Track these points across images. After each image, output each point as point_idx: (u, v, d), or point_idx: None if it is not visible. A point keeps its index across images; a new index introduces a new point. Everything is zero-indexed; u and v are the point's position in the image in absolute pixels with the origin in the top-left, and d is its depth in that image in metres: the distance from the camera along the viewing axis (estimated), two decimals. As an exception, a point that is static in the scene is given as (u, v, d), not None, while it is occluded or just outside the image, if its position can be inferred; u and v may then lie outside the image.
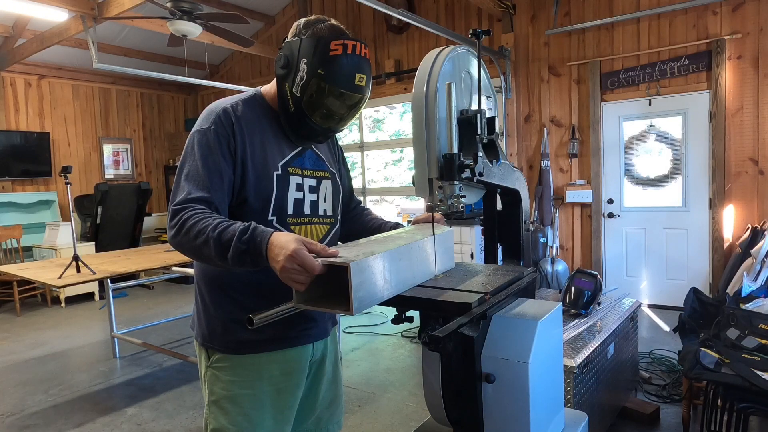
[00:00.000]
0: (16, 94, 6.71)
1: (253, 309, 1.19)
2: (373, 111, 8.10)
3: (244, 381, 1.29)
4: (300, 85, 1.23)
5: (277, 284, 1.11)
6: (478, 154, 1.35)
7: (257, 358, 1.30)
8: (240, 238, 1.08)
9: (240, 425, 1.28)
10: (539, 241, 5.41)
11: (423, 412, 2.94)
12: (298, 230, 1.31)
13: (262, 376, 1.30)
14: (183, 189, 1.19)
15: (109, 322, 4.23)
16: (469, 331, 1.21)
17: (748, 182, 4.54)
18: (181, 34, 4.45)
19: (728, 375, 2.08)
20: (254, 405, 1.29)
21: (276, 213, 1.28)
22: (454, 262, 1.51)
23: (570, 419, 1.53)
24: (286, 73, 1.26)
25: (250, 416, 1.28)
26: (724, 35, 4.52)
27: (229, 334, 1.29)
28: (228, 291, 1.30)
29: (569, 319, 2.61)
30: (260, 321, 1.14)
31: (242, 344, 1.29)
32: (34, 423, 3.06)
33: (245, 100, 1.32)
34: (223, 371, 1.30)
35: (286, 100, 1.27)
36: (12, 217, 6.42)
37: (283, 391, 1.33)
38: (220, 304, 1.31)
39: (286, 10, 7.41)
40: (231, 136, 1.23)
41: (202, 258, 1.16)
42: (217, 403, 1.30)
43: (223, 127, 1.24)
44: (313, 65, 1.21)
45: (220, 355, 1.31)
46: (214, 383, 1.31)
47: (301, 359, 1.37)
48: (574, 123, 5.34)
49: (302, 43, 1.23)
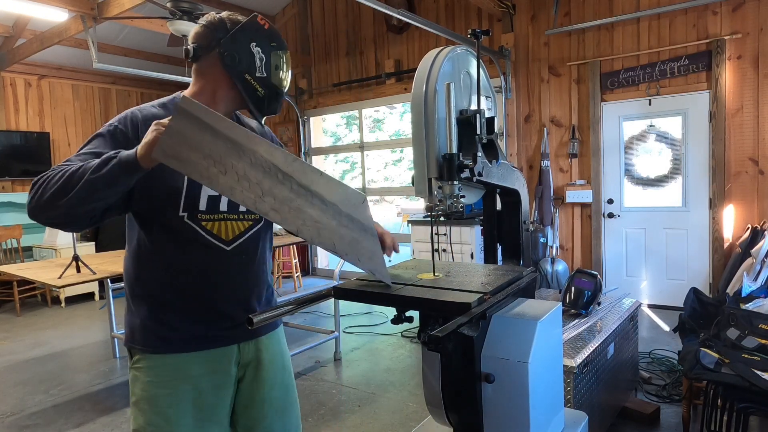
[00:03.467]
0: (16, 94, 6.71)
1: (168, 306, 1.30)
2: (373, 111, 8.10)
3: (162, 381, 1.30)
4: (263, 66, 1.33)
5: (191, 283, 1.28)
6: (477, 154, 1.35)
7: (176, 358, 1.31)
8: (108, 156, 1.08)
9: (157, 425, 1.28)
10: (539, 241, 5.41)
11: (423, 412, 2.94)
12: (210, 226, 1.31)
13: (180, 376, 1.30)
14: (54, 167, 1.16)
15: (109, 322, 4.23)
16: (469, 331, 1.22)
17: (748, 182, 4.54)
18: (181, 34, 4.45)
19: (728, 375, 2.08)
20: (172, 404, 1.29)
21: (187, 209, 1.28)
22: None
23: (570, 419, 1.53)
24: (244, 65, 1.32)
25: (167, 415, 1.28)
26: (724, 35, 4.52)
27: (148, 332, 1.31)
28: (145, 290, 1.32)
29: (569, 319, 2.61)
30: (260, 322, 1.16)
31: (161, 343, 1.30)
32: (34, 423, 3.06)
33: (162, 104, 1.37)
34: (142, 371, 1.31)
35: (252, 89, 1.34)
36: (12, 217, 6.42)
37: (204, 392, 1.32)
38: (139, 304, 1.33)
39: (286, 10, 7.41)
40: (132, 139, 1.23)
41: (65, 192, 1.07)
42: (137, 404, 1.31)
43: (125, 126, 1.26)
44: (264, 43, 1.33)
45: (140, 356, 1.32)
46: (135, 384, 1.32)
47: (223, 360, 1.36)
48: (574, 123, 5.34)
49: (239, 34, 1.32)
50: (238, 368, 1.40)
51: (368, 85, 6.74)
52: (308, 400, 3.20)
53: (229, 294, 1.35)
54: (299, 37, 7.34)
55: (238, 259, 1.36)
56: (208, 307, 1.33)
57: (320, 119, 7.88)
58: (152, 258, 1.31)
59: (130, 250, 1.35)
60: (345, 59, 7.01)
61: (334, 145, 11.72)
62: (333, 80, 7.11)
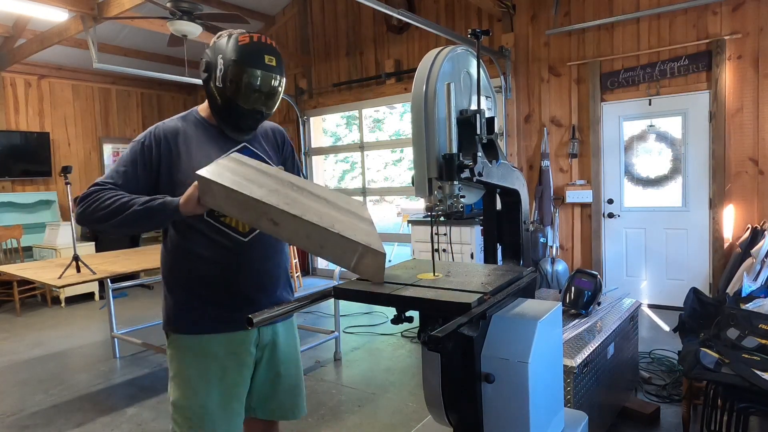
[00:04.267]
0: (16, 94, 6.72)
1: (196, 293, 1.49)
2: (373, 111, 8.11)
3: (193, 360, 1.49)
4: (221, 77, 1.44)
5: (215, 271, 1.47)
6: (477, 154, 1.35)
7: (204, 339, 1.49)
8: (151, 199, 1.37)
9: (190, 399, 1.48)
10: (539, 241, 5.41)
11: (423, 412, 2.94)
12: (228, 220, 1.48)
13: (208, 356, 1.48)
14: (99, 180, 1.45)
15: (109, 322, 4.23)
16: (469, 331, 1.22)
17: (748, 182, 4.54)
18: (181, 34, 4.46)
19: (728, 375, 2.08)
20: (201, 382, 1.48)
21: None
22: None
23: (570, 419, 1.53)
24: (209, 74, 1.47)
25: (197, 391, 1.47)
26: (724, 35, 4.52)
27: (180, 316, 1.50)
28: (177, 279, 1.51)
29: (569, 319, 2.61)
30: (260, 322, 1.17)
31: (191, 325, 1.49)
32: (34, 423, 3.06)
33: (181, 117, 1.56)
34: (177, 350, 1.51)
35: (214, 97, 1.48)
36: (12, 217, 6.42)
37: (228, 369, 1.50)
38: (172, 291, 1.52)
39: (286, 10, 7.41)
40: (156, 152, 1.47)
41: (112, 218, 1.37)
42: (173, 379, 1.51)
43: (151, 142, 1.48)
44: (227, 57, 1.42)
45: (174, 336, 1.52)
46: (171, 361, 1.52)
47: (245, 342, 1.53)
48: (574, 123, 5.34)
49: (216, 44, 1.47)
50: (257, 350, 1.57)
51: (368, 85, 6.74)
52: (308, 400, 3.18)
53: (249, 281, 1.51)
54: (299, 37, 7.34)
55: (256, 248, 1.52)
56: (231, 293, 1.49)
57: (320, 119, 7.88)
58: (181, 251, 1.51)
59: (164, 245, 1.56)
60: (345, 59, 7.01)
61: (334, 145, 11.72)
62: (333, 80, 7.11)
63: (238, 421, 1.53)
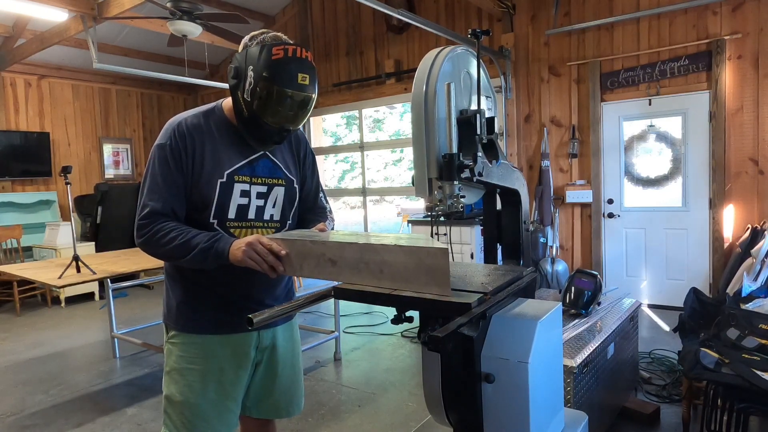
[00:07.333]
0: (16, 94, 6.71)
1: (200, 295, 1.49)
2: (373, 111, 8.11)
3: (191, 357, 1.48)
4: (249, 90, 1.36)
5: (220, 277, 1.45)
6: (477, 154, 1.35)
7: (204, 339, 1.49)
8: (205, 241, 1.35)
9: (185, 395, 1.47)
10: (539, 241, 5.41)
11: (423, 412, 2.94)
12: (238, 233, 1.46)
13: (207, 355, 1.48)
14: (147, 204, 1.38)
15: (109, 322, 4.23)
16: (469, 331, 1.22)
17: (748, 182, 4.54)
18: (181, 34, 4.46)
19: (728, 375, 2.08)
20: (198, 379, 1.47)
21: (217, 216, 1.43)
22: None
23: (570, 419, 1.53)
24: (237, 83, 1.39)
25: (193, 388, 1.47)
26: (724, 35, 4.52)
27: (181, 314, 1.50)
28: (181, 279, 1.50)
29: (569, 319, 2.61)
30: (260, 322, 1.17)
31: (192, 324, 1.49)
32: (34, 423, 3.05)
33: (204, 112, 1.48)
34: (175, 346, 1.50)
35: (240, 107, 1.40)
36: (12, 217, 6.41)
37: (225, 370, 1.50)
38: (175, 289, 1.52)
39: (286, 10, 7.41)
40: (183, 150, 1.40)
41: (171, 259, 1.42)
42: (169, 373, 1.51)
43: (176, 140, 1.40)
44: (258, 70, 1.33)
45: (174, 332, 1.51)
46: (169, 356, 1.52)
47: (244, 344, 1.53)
48: (574, 123, 5.34)
49: (248, 53, 1.36)
50: (257, 352, 1.57)
51: (368, 85, 6.74)
52: (308, 400, 3.19)
53: (251, 288, 1.51)
54: (299, 37, 7.34)
55: None
56: (233, 298, 1.50)
57: (320, 119, 7.88)
58: None
59: None
60: (345, 59, 7.01)
61: (334, 145, 11.72)
62: (333, 80, 7.11)
63: (232, 419, 1.53)
